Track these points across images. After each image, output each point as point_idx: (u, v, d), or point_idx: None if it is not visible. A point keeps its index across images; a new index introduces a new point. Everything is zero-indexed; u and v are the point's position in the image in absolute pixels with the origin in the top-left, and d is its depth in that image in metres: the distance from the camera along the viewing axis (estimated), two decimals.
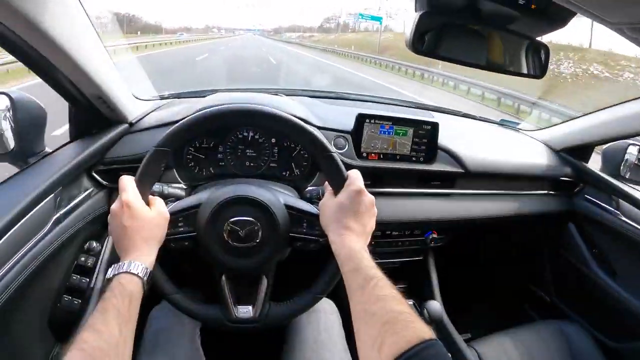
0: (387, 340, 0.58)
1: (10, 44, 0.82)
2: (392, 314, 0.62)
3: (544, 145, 1.65)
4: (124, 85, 1.16)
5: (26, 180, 0.95)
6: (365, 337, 0.62)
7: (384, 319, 0.61)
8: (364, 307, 0.66)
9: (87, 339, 0.60)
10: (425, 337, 0.56)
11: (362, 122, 1.27)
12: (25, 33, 0.77)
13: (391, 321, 0.60)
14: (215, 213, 0.89)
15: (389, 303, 0.64)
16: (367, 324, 0.63)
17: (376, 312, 0.63)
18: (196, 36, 56.37)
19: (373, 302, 0.65)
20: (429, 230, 1.46)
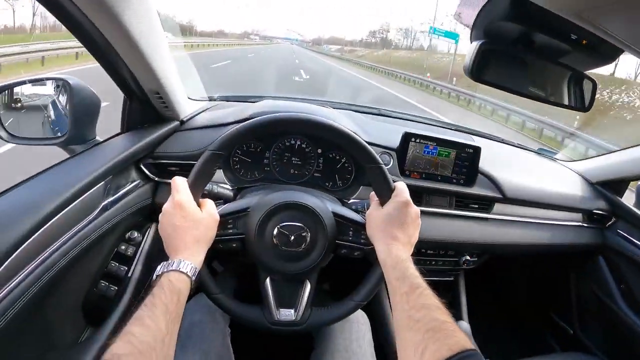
0: (429, 347, 0.59)
1: (86, 35, 0.86)
2: (436, 322, 0.63)
3: (579, 176, 1.64)
4: (181, 84, 1.20)
5: (80, 165, 0.98)
6: (408, 343, 0.64)
7: (427, 326, 0.63)
8: (408, 314, 0.67)
9: (135, 332, 0.61)
10: (467, 346, 0.58)
11: (408, 140, 1.29)
12: (101, 22, 0.81)
13: (435, 329, 0.62)
14: (266, 217, 0.91)
15: (433, 312, 0.66)
16: (411, 330, 0.64)
17: (420, 319, 0.65)
18: (225, 41, 53.65)
19: (417, 310, 0.67)
20: (463, 252, 1.47)
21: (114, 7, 0.77)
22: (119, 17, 0.79)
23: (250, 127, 0.91)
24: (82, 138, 1.09)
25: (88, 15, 0.79)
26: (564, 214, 1.52)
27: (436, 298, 0.69)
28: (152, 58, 0.98)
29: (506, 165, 1.48)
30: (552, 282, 1.88)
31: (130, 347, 0.58)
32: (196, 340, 1.03)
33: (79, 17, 0.80)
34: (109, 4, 0.75)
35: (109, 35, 0.86)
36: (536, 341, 1.91)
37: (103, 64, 1.01)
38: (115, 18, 0.79)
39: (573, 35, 0.78)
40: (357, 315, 1.18)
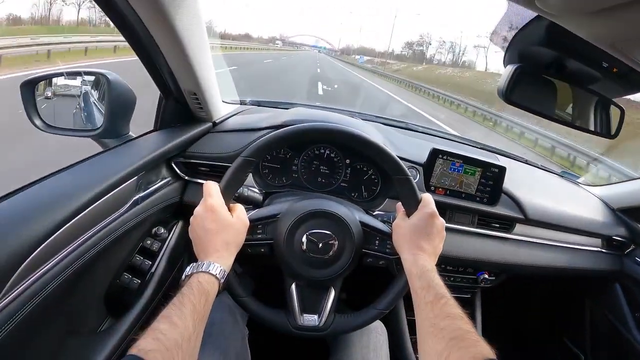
0: (452, 355, 0.60)
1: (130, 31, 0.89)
2: (460, 331, 0.64)
3: (601, 201, 1.64)
4: (217, 87, 1.22)
5: (116, 160, 1.01)
6: (431, 350, 0.65)
7: (452, 334, 0.64)
8: (432, 322, 0.68)
9: (163, 330, 0.62)
10: (489, 356, 0.58)
11: (435, 156, 1.30)
12: (149, 19, 0.83)
13: (458, 337, 0.63)
14: (295, 224, 0.93)
15: (457, 321, 0.67)
16: (435, 338, 0.65)
17: (445, 327, 0.66)
18: (240, 44, 48.47)
19: (442, 318, 0.68)
20: (482, 270, 1.47)
21: (167, 8, 0.79)
22: (169, 16, 0.81)
23: (285, 136, 0.93)
24: (116, 132, 1.12)
25: (139, 14, 0.81)
26: (584, 238, 1.51)
27: (460, 308, 0.71)
28: (194, 59, 1.00)
29: (529, 187, 1.48)
30: (567, 306, 1.87)
31: (157, 343, 0.59)
32: (216, 338, 1.04)
33: (129, 14, 0.82)
34: (161, 6, 0.78)
35: (155, 32, 0.88)
36: None
37: (144, 61, 1.03)
38: (166, 16, 0.81)
39: (605, 63, 0.80)
40: (376, 325, 1.19)
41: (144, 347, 0.58)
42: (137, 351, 0.57)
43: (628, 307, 1.56)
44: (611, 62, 0.79)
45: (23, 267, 0.67)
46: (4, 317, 0.65)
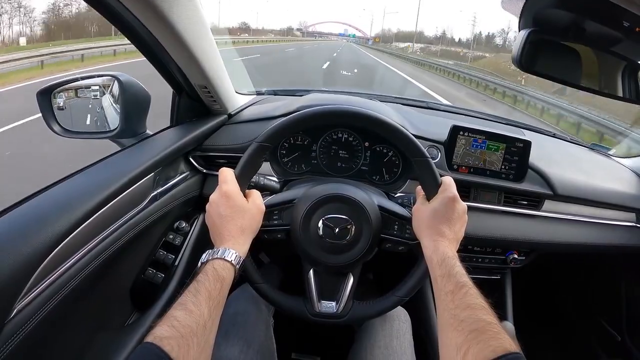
0: (472, 348, 0.58)
1: (133, 32, 0.89)
2: (481, 323, 0.62)
3: (634, 173, 1.56)
4: (228, 78, 1.22)
5: (131, 157, 1.02)
6: (451, 342, 0.63)
7: (472, 326, 0.61)
8: (452, 313, 0.66)
9: (178, 317, 0.62)
10: (511, 349, 0.56)
11: (456, 134, 1.26)
12: (149, 20, 0.84)
13: (479, 329, 0.60)
14: (311, 209, 0.92)
15: (478, 312, 0.64)
16: (455, 330, 0.63)
17: (465, 319, 0.63)
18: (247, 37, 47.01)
19: (462, 309, 0.65)
20: (511, 250, 1.42)
21: (161, 6, 0.79)
22: (166, 16, 0.81)
23: (297, 120, 0.92)
24: (132, 131, 1.13)
25: (137, 16, 0.82)
26: (617, 213, 1.44)
27: (482, 298, 0.68)
28: (199, 54, 1.00)
29: (557, 161, 1.43)
30: (601, 286, 1.79)
31: (173, 330, 0.59)
32: (239, 328, 1.05)
33: (128, 17, 0.83)
34: (156, 4, 0.78)
35: (157, 34, 0.89)
36: (582, 346, 1.83)
37: (152, 61, 1.04)
38: (163, 17, 0.81)
39: (626, 22, 0.75)
40: (399, 312, 1.17)
41: (160, 334, 0.58)
42: (152, 338, 0.57)
43: None
44: (632, 20, 0.74)
45: (44, 264, 0.69)
46: (28, 313, 0.67)
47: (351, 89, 1.84)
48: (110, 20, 0.85)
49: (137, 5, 0.79)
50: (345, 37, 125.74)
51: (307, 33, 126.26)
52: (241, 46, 27.40)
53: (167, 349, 0.56)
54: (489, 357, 0.55)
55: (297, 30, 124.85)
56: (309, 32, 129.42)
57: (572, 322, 1.91)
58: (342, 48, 44.69)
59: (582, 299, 1.88)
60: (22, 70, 10.71)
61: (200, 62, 1.02)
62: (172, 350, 0.56)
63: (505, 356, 0.55)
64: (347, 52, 37.66)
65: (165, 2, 0.80)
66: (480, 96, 14.28)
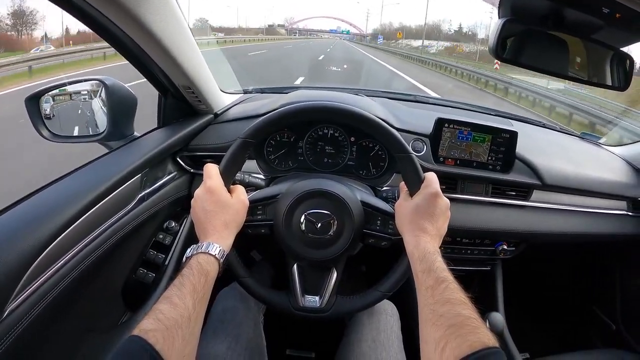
0: (450, 343, 0.58)
1: (111, 36, 0.90)
2: (460, 317, 0.61)
3: (625, 162, 1.55)
4: (212, 78, 1.23)
5: (118, 160, 1.03)
6: (430, 337, 0.63)
7: (450, 321, 0.61)
8: (432, 308, 0.66)
9: (163, 310, 0.63)
10: (489, 344, 0.56)
11: (441, 126, 1.26)
12: (126, 26, 0.84)
13: (457, 324, 0.60)
14: (294, 204, 0.93)
15: (457, 307, 0.64)
16: (433, 325, 0.63)
17: (444, 314, 0.63)
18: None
19: (442, 304, 0.65)
20: (500, 241, 1.42)
21: (136, 11, 0.79)
22: (142, 19, 0.82)
23: (279, 116, 0.92)
24: (120, 134, 1.14)
25: (113, 20, 0.82)
26: (608, 201, 1.44)
27: (462, 293, 0.68)
28: (180, 55, 1.00)
29: (546, 151, 1.43)
30: (595, 274, 1.79)
31: (157, 323, 0.61)
32: (228, 325, 1.06)
33: (104, 22, 0.83)
34: (130, 9, 0.78)
35: (136, 38, 0.89)
36: (576, 335, 1.83)
37: (135, 64, 1.05)
38: (140, 21, 0.82)
39: (605, 9, 0.75)
40: (386, 306, 1.18)
41: (145, 327, 0.60)
42: (138, 331, 0.59)
43: None
44: (612, 7, 0.73)
45: (34, 266, 0.70)
46: (19, 314, 0.68)
47: (338, 85, 1.84)
48: (89, 25, 0.86)
49: (113, 10, 0.79)
50: (337, 34, 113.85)
51: (293, 30, 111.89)
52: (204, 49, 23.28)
53: (152, 341, 0.57)
54: (466, 352, 0.55)
55: (280, 27, 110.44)
56: (296, 29, 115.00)
57: (566, 312, 1.91)
58: (333, 47, 39.66)
59: (576, 288, 1.89)
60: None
61: (181, 63, 1.02)
62: (157, 342, 0.58)
63: (483, 350, 0.55)
64: (340, 53, 31.05)
65: (141, 6, 0.80)
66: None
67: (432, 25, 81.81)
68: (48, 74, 10.65)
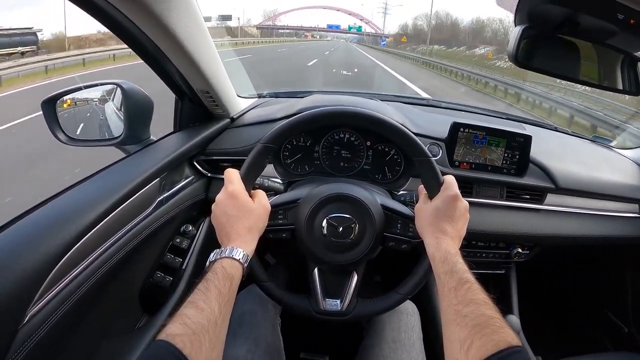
0: (475, 343, 0.59)
1: (133, 39, 0.90)
2: (483, 317, 0.62)
3: (636, 165, 1.56)
4: (229, 82, 1.23)
5: (136, 164, 1.03)
6: (454, 337, 0.63)
7: (474, 321, 0.62)
8: (455, 309, 0.67)
9: (189, 314, 0.63)
10: (513, 343, 0.57)
11: (456, 130, 1.28)
12: (148, 28, 0.85)
13: (481, 324, 0.61)
14: (315, 208, 0.93)
15: (481, 307, 0.65)
16: (458, 326, 0.64)
17: (467, 314, 0.64)
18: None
19: (465, 305, 0.66)
20: (515, 244, 1.43)
21: (160, 14, 0.80)
22: (165, 23, 0.83)
23: (300, 121, 0.93)
24: (137, 138, 1.15)
25: (137, 24, 0.83)
26: (620, 204, 1.44)
27: (484, 293, 0.68)
28: (200, 59, 1.01)
29: (559, 154, 1.43)
30: (607, 278, 1.79)
31: (184, 328, 0.61)
32: (247, 328, 1.06)
33: (126, 24, 0.84)
34: (155, 11, 0.79)
35: (157, 41, 0.90)
36: (588, 338, 1.83)
37: (154, 68, 1.06)
38: (162, 24, 0.83)
39: (620, 15, 0.75)
40: (407, 306, 1.18)
41: (172, 331, 0.60)
42: (165, 336, 0.59)
43: None
44: (626, 13, 0.74)
45: (55, 271, 0.71)
46: (40, 319, 0.69)
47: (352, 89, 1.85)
48: (109, 27, 0.86)
49: (135, 12, 0.80)
50: (334, 29, 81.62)
51: (274, 28, 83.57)
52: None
53: (180, 346, 0.57)
54: (492, 351, 0.56)
55: (251, 27, 78.06)
56: (274, 27, 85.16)
57: (579, 315, 1.91)
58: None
59: (588, 291, 1.88)
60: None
61: (201, 67, 1.03)
62: (184, 347, 0.58)
63: (507, 349, 0.56)
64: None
65: (164, 8, 0.81)
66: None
67: (429, 23, 66.42)
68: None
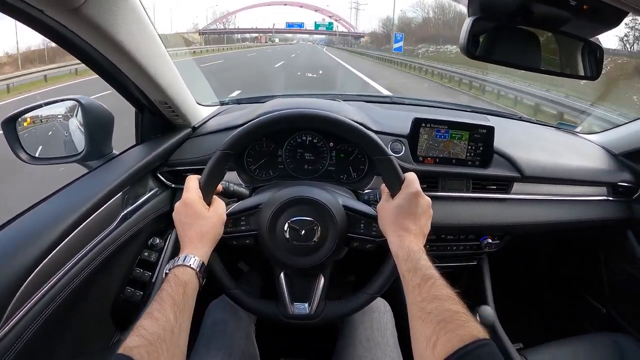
0: (441, 339, 0.59)
1: (86, 55, 0.89)
2: (448, 313, 0.62)
3: (602, 149, 1.59)
4: (188, 91, 1.22)
5: (97, 179, 1.02)
6: (420, 335, 0.63)
7: (439, 317, 0.62)
8: (420, 306, 0.67)
9: (145, 326, 0.64)
10: (479, 336, 0.57)
11: (418, 126, 1.28)
12: (98, 43, 0.83)
13: (446, 320, 0.61)
14: (276, 213, 0.93)
15: (445, 303, 0.65)
16: (423, 323, 0.64)
17: (432, 310, 0.64)
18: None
19: (429, 301, 0.66)
20: (484, 235, 1.44)
21: (110, 29, 0.79)
22: (115, 37, 0.81)
23: (256, 126, 0.93)
24: (98, 153, 1.13)
25: (85, 39, 0.81)
26: (588, 188, 1.47)
27: (449, 288, 0.69)
28: (155, 71, 1.00)
29: (524, 143, 1.45)
30: (581, 261, 1.82)
31: (141, 339, 0.62)
32: (220, 338, 1.06)
33: (77, 41, 0.82)
34: (103, 27, 0.77)
35: (109, 55, 0.89)
36: (568, 322, 1.86)
37: (110, 82, 1.04)
38: (112, 39, 0.81)
39: (572, 1, 0.76)
40: (379, 304, 1.18)
41: (129, 344, 0.61)
42: (123, 349, 0.59)
43: None
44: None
45: (17, 296, 0.70)
46: (7, 343, 0.68)
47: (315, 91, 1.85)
48: (57, 42, 0.85)
49: (83, 28, 0.78)
50: (312, 33, 69.95)
51: (212, 31, 70.09)
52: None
53: (137, 358, 0.58)
54: (457, 346, 0.56)
55: (193, 33, 62.95)
56: (224, 31, 72.03)
57: (557, 300, 1.94)
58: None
59: (564, 275, 1.92)
60: None
61: (156, 78, 1.02)
62: (142, 358, 0.59)
63: (473, 343, 0.56)
64: None
65: (113, 24, 0.80)
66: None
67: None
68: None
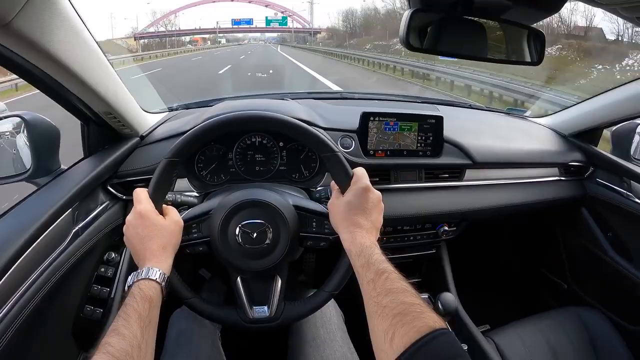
0: (397, 332, 0.59)
1: (23, 70, 0.85)
2: (403, 305, 0.63)
3: (551, 131, 1.64)
4: (133, 100, 1.20)
5: (44, 197, 0.98)
6: (378, 329, 0.63)
7: (395, 311, 0.62)
8: (375, 301, 0.67)
9: (112, 342, 0.63)
10: (435, 326, 0.57)
11: (366, 120, 1.29)
12: (36, 59, 0.81)
13: (402, 313, 0.61)
14: (227, 217, 0.92)
15: (400, 295, 0.65)
16: (379, 317, 0.64)
17: (387, 304, 0.64)
18: None
19: (384, 295, 0.66)
20: (440, 223, 1.46)
21: (45, 44, 0.76)
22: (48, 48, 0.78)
23: (200, 131, 0.91)
24: (46, 170, 1.09)
25: (19, 54, 0.78)
26: (541, 170, 1.52)
27: (403, 281, 0.69)
28: (96, 82, 0.97)
29: (474, 131, 1.49)
30: (539, 240, 1.89)
31: (108, 356, 0.60)
32: (184, 347, 1.05)
33: (16, 59, 0.79)
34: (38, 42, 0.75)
35: (46, 69, 0.86)
36: (532, 300, 1.92)
37: (52, 96, 1.00)
38: (47, 53, 0.79)
39: None
40: None
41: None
42: None
43: (599, 229, 1.58)
44: None
45: None
46: None
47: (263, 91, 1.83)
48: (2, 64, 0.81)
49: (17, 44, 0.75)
50: (263, 31, 70.37)
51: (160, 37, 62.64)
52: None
53: None
54: (415, 338, 0.56)
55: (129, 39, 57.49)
56: (162, 34, 64.76)
57: (519, 280, 2.01)
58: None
59: (524, 256, 1.99)
60: None
61: (97, 89, 0.99)
62: None
63: (430, 334, 0.56)
64: None
65: (47, 35, 0.77)
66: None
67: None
68: None
